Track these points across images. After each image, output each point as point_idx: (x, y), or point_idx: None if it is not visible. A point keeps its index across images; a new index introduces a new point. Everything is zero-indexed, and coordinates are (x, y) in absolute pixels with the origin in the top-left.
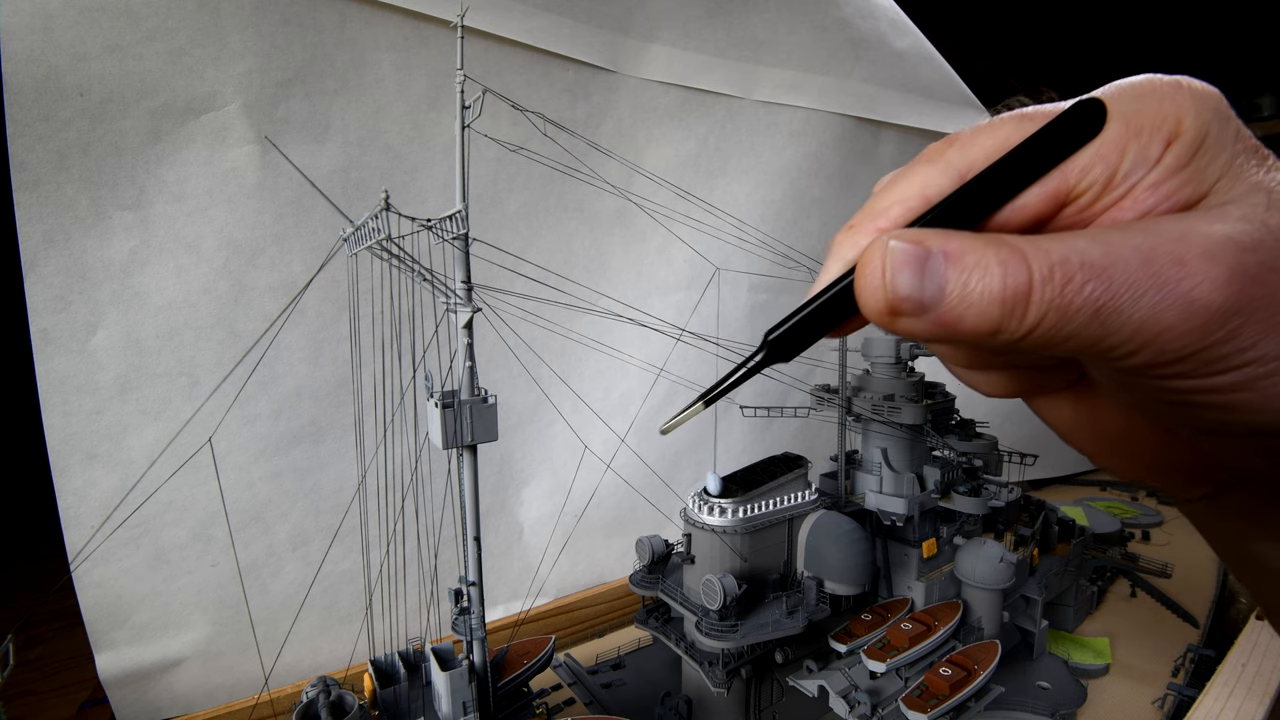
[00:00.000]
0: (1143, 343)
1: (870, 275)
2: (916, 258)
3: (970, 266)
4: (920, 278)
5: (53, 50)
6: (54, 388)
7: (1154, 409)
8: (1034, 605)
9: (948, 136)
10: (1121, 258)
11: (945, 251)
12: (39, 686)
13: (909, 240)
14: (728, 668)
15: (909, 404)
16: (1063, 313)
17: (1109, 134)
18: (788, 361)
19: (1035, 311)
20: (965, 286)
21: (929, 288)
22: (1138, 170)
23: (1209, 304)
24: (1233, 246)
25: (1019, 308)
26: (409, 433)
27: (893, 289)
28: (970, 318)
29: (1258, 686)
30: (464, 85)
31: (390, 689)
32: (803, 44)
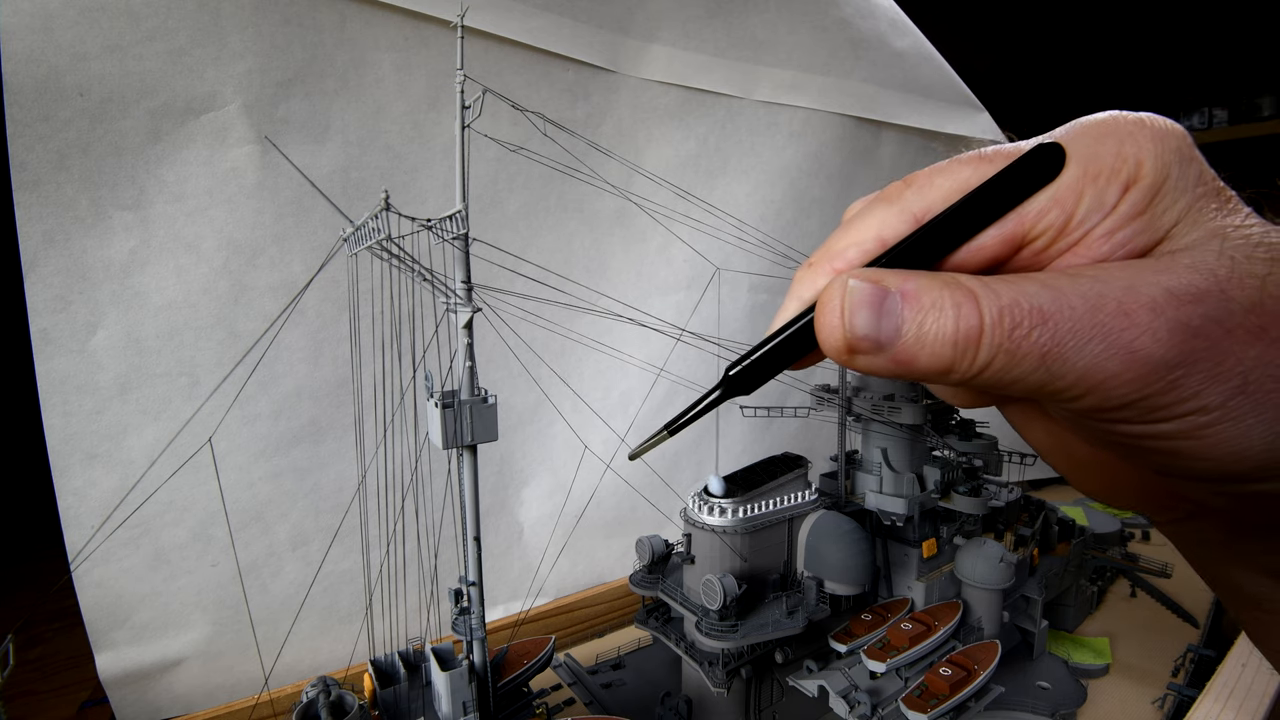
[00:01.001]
0: (1086, 389)
1: (829, 314)
2: (874, 297)
3: (926, 307)
4: (878, 317)
5: (53, 50)
6: (54, 388)
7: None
8: (1034, 605)
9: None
10: (1069, 305)
11: (902, 291)
12: (39, 686)
13: (868, 280)
14: (728, 668)
15: (909, 404)
16: (1010, 356)
17: (1066, 178)
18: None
19: (985, 354)
20: (920, 327)
21: (886, 327)
22: (1093, 216)
23: (1150, 356)
24: (1176, 299)
25: (970, 350)
26: (409, 433)
27: (851, 328)
28: (924, 358)
29: (1258, 686)
30: (464, 85)
31: (390, 689)
32: (803, 44)
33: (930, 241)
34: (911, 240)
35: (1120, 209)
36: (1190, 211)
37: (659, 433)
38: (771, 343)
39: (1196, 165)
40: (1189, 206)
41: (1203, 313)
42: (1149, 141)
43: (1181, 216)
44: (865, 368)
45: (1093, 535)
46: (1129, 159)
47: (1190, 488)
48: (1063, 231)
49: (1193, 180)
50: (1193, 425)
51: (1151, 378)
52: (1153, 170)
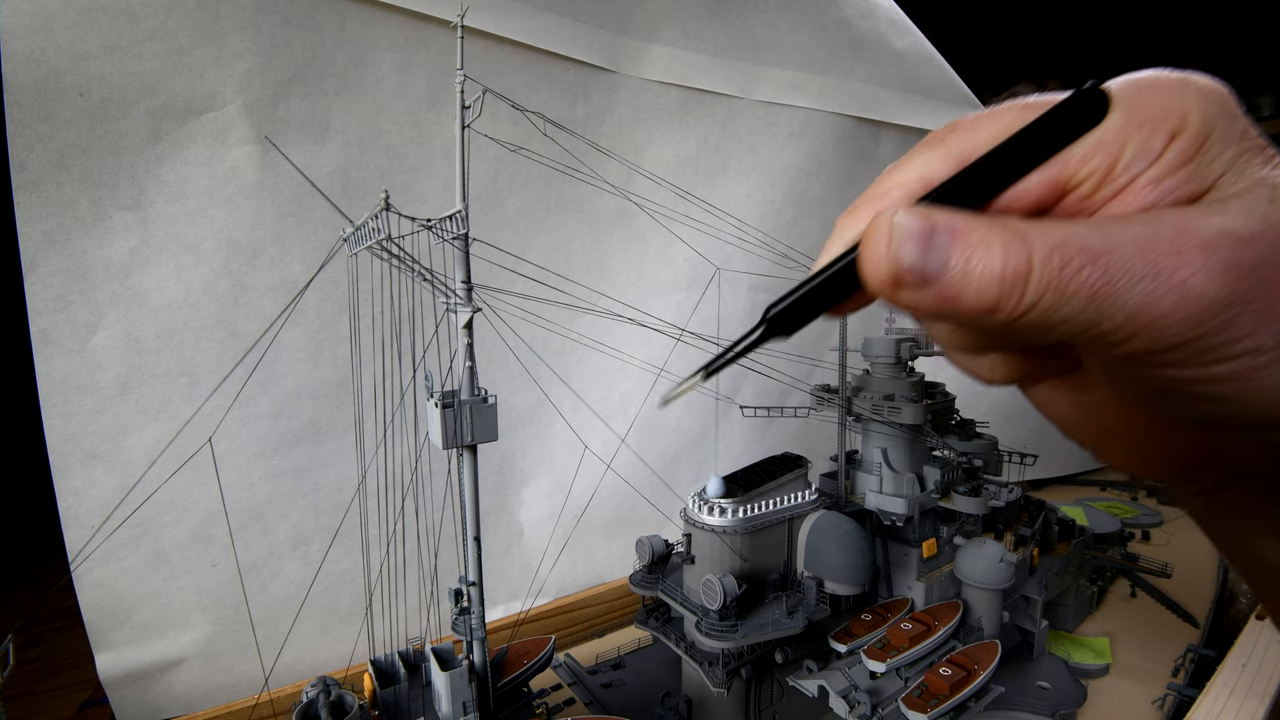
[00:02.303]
0: (1136, 329)
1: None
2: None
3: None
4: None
5: (53, 50)
6: (54, 388)
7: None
8: (1034, 605)
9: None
10: (1119, 245)
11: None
12: (39, 686)
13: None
14: (728, 668)
15: (909, 404)
16: (1059, 294)
17: (1111, 124)
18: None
19: (1033, 292)
20: (967, 263)
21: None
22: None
23: (1203, 294)
24: (1231, 239)
25: (1017, 287)
26: (409, 433)
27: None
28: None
29: (1258, 686)
30: (464, 85)
31: (390, 689)
32: (803, 44)
33: (975, 182)
34: (956, 179)
35: (1166, 156)
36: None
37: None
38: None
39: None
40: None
41: (1257, 254)
42: (1194, 94)
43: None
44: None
45: (1093, 535)
46: (1174, 110)
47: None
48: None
49: (1237, 134)
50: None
51: (1204, 317)
52: (1199, 120)
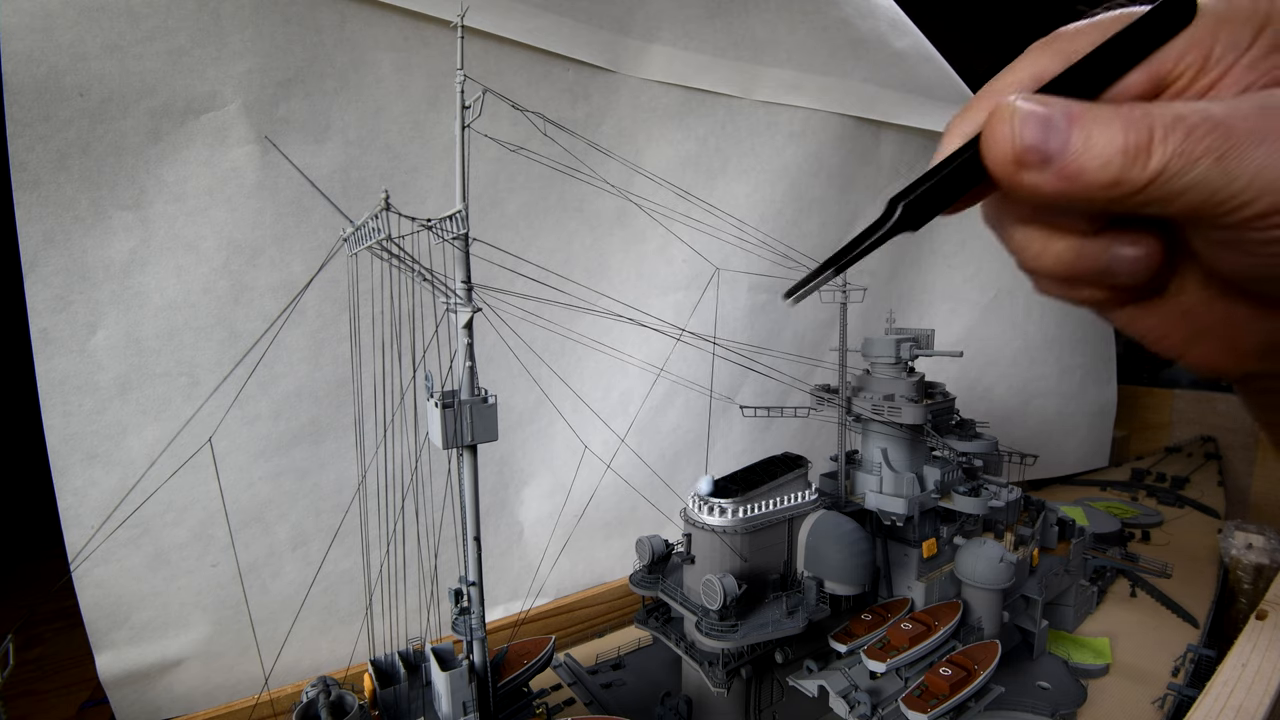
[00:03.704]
0: (1261, 189)
1: (999, 127)
2: (1043, 115)
3: (1091, 123)
4: (1045, 131)
5: (53, 50)
6: (54, 388)
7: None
8: (1034, 605)
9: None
10: (1242, 113)
11: (1068, 113)
12: (39, 686)
13: (1035, 101)
14: (728, 668)
15: (909, 404)
16: (1185, 159)
17: (1201, 22)
18: (915, 230)
19: (1158, 159)
20: (1089, 139)
21: (1054, 140)
22: (1230, 54)
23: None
24: None
25: (1141, 156)
26: (409, 433)
27: (1020, 139)
28: (1094, 167)
29: (1258, 686)
30: (464, 85)
31: (390, 689)
32: (803, 44)
33: (1085, 76)
34: (1067, 74)
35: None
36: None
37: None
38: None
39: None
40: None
41: None
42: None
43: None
44: (1031, 185)
45: (1093, 535)
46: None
47: None
48: (1202, 69)
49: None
50: None
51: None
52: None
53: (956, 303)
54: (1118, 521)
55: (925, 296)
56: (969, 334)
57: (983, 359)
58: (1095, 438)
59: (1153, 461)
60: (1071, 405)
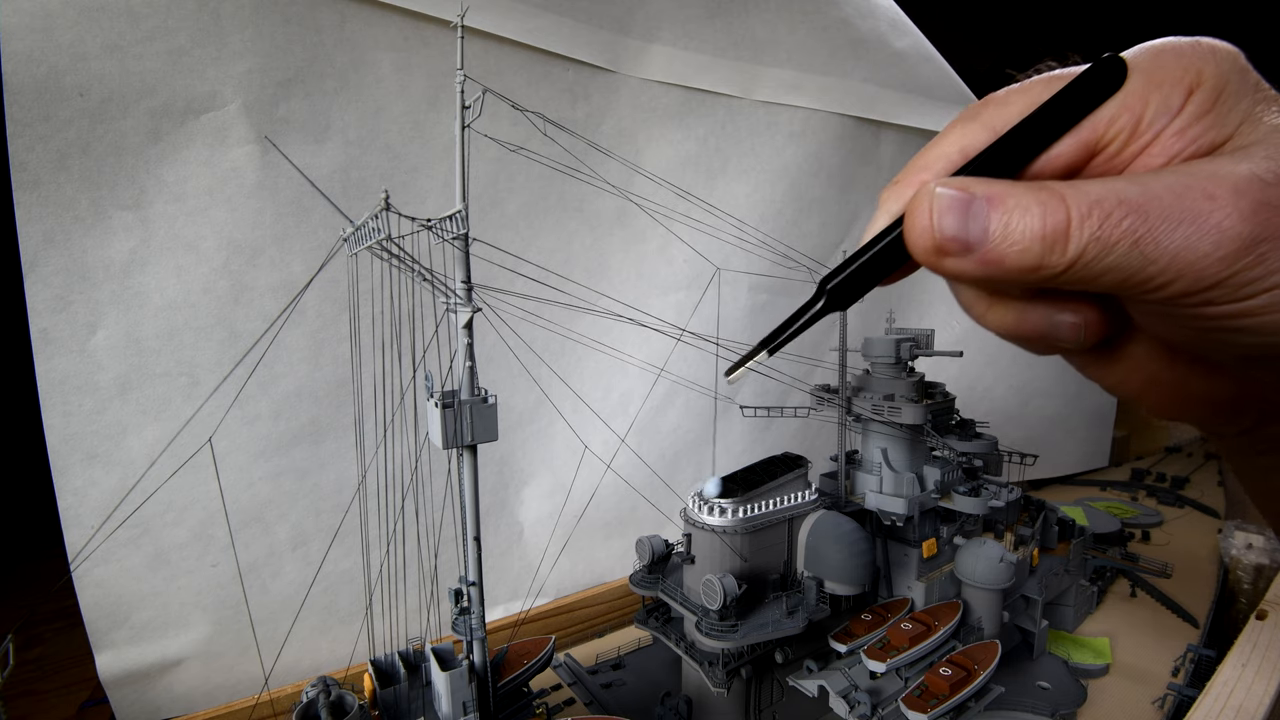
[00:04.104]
0: (1178, 272)
1: (918, 218)
2: (961, 202)
3: (1011, 208)
4: (964, 219)
5: (53, 50)
6: (54, 388)
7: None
8: (1034, 605)
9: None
10: (1156, 195)
11: (988, 196)
12: (39, 686)
13: (954, 186)
14: (728, 668)
15: (909, 404)
16: (1102, 245)
17: (1132, 86)
18: (844, 309)
19: (1075, 246)
20: (1007, 226)
21: (973, 229)
22: (1161, 118)
23: (1238, 233)
24: (1258, 181)
25: (1059, 243)
26: (409, 433)
27: (940, 230)
28: (1013, 255)
29: (1258, 687)
30: (464, 85)
31: (390, 689)
32: (803, 44)
33: (1010, 150)
34: (992, 149)
35: (1187, 110)
36: (1253, 113)
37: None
38: (865, 255)
39: (1252, 75)
40: (1251, 108)
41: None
42: (1207, 53)
43: (1245, 117)
44: (955, 270)
45: (1093, 535)
46: (1190, 68)
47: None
48: (1133, 134)
49: (1251, 86)
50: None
51: (1240, 254)
52: (1214, 75)
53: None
54: (1118, 521)
55: (925, 296)
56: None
57: (983, 359)
58: (1095, 438)
59: (1153, 461)
60: (1071, 405)
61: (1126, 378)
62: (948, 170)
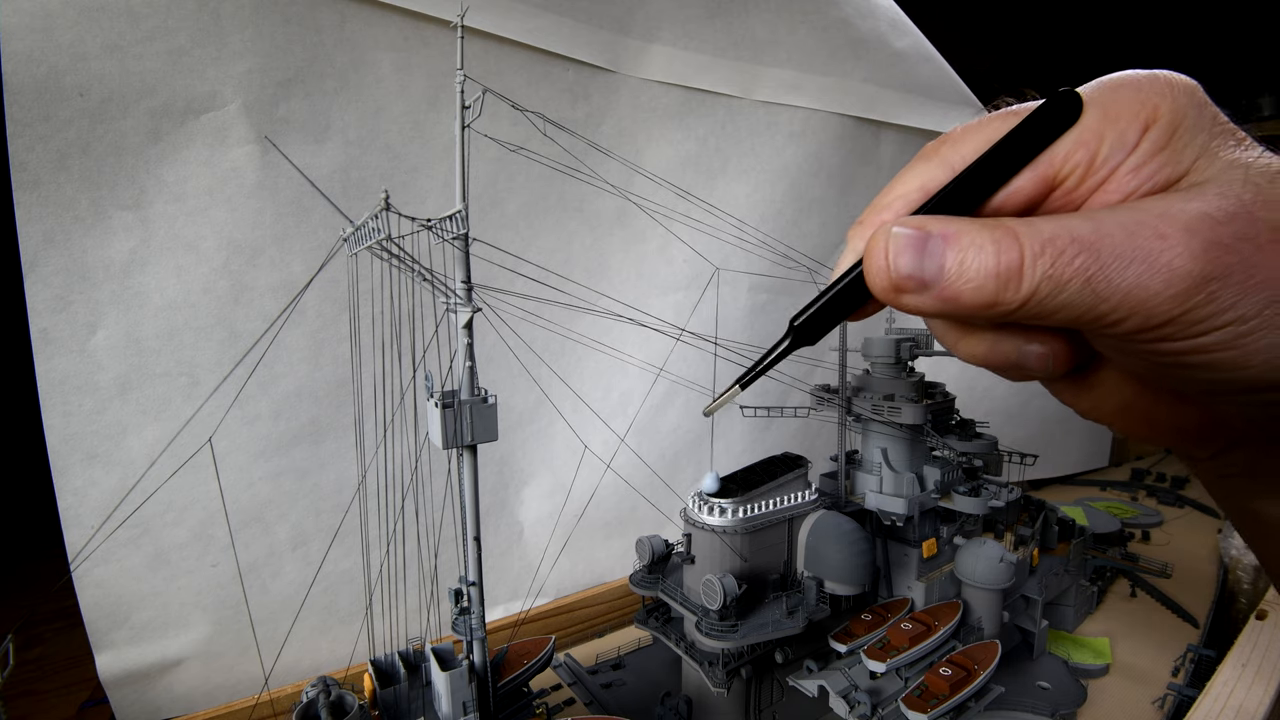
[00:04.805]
0: (1130, 310)
1: (875, 258)
2: (917, 241)
3: (965, 246)
4: (920, 258)
5: (53, 50)
6: (54, 388)
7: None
8: (1034, 605)
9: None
10: (1108, 233)
11: (943, 234)
12: (39, 686)
13: (910, 226)
14: (728, 668)
15: (909, 404)
16: (1054, 283)
17: (1087, 121)
18: (813, 344)
19: (1029, 283)
20: (962, 264)
21: (929, 267)
22: (1116, 154)
23: (1189, 272)
24: (1209, 220)
25: (1012, 281)
26: (409, 433)
27: (895, 269)
28: (968, 293)
29: (1258, 687)
30: (464, 85)
31: (390, 689)
32: (803, 44)
33: (968, 187)
34: (950, 187)
35: (1143, 146)
36: (1210, 147)
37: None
38: (829, 293)
39: (1210, 109)
40: (1207, 143)
41: (1233, 231)
42: (1164, 88)
43: (1202, 152)
44: (914, 307)
45: (1093, 535)
46: (1146, 103)
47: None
48: (1090, 170)
49: (1209, 120)
50: (1232, 335)
51: (1191, 292)
52: (1170, 110)
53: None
54: (1118, 521)
55: None
56: None
57: None
58: (1095, 438)
59: (1153, 461)
60: None
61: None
62: (908, 209)
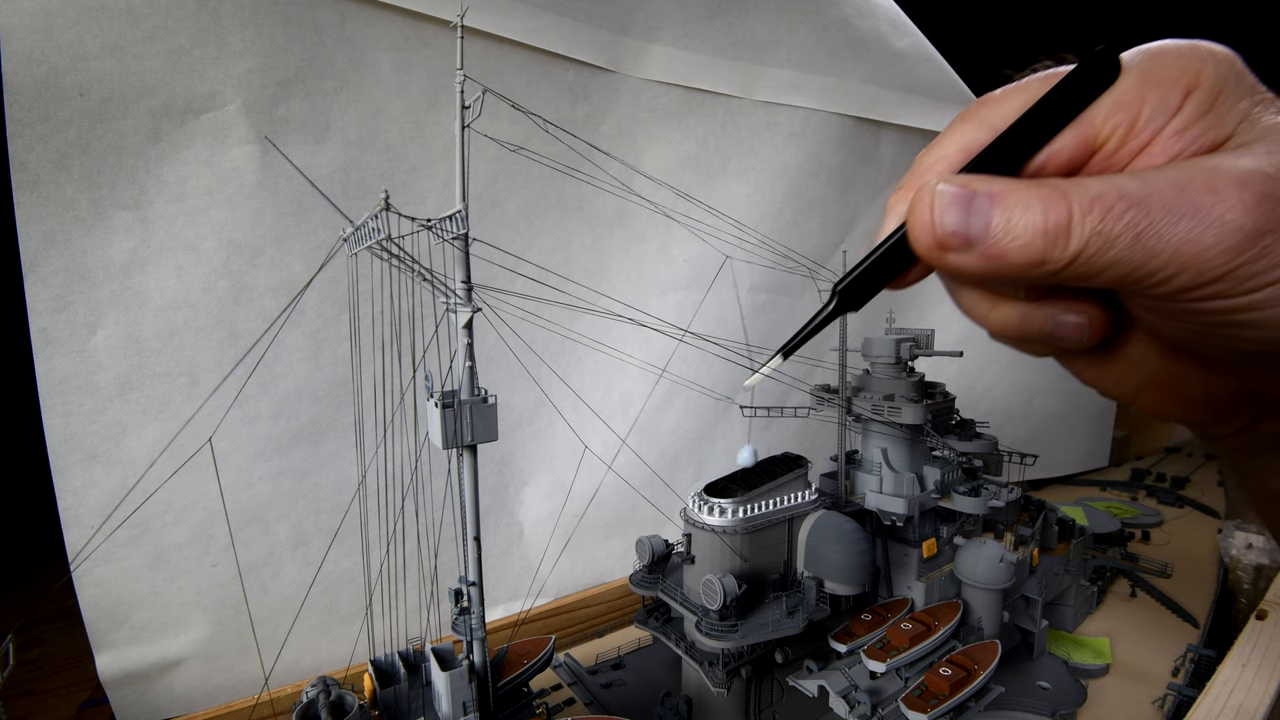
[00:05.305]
0: (1182, 265)
1: (920, 215)
2: (963, 198)
3: (1012, 204)
4: (966, 215)
5: (53, 50)
6: (54, 388)
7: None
8: (1034, 605)
9: (981, 98)
10: (1158, 189)
11: (989, 193)
12: (39, 686)
13: (955, 183)
14: (728, 668)
15: (909, 404)
16: (1104, 239)
17: (1127, 84)
18: (856, 310)
19: (1077, 240)
20: (1009, 222)
21: (975, 224)
22: (1158, 117)
23: (1241, 225)
24: (1261, 175)
25: (1061, 238)
26: (409, 433)
27: (941, 225)
28: (1015, 250)
29: (1258, 687)
30: (464, 85)
31: (390, 689)
32: (803, 44)
33: (1010, 147)
34: (992, 148)
35: (1186, 109)
36: (1251, 113)
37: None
38: (873, 256)
39: (1249, 77)
40: (1249, 109)
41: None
42: (1205, 54)
43: (1244, 117)
44: (957, 266)
45: (1093, 535)
46: (1188, 68)
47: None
48: (1130, 133)
49: (1248, 88)
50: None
51: (1244, 246)
52: (1213, 76)
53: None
54: (1118, 521)
55: (925, 297)
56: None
57: (983, 359)
58: (1095, 437)
59: (1153, 461)
60: (1071, 405)
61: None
62: (949, 171)
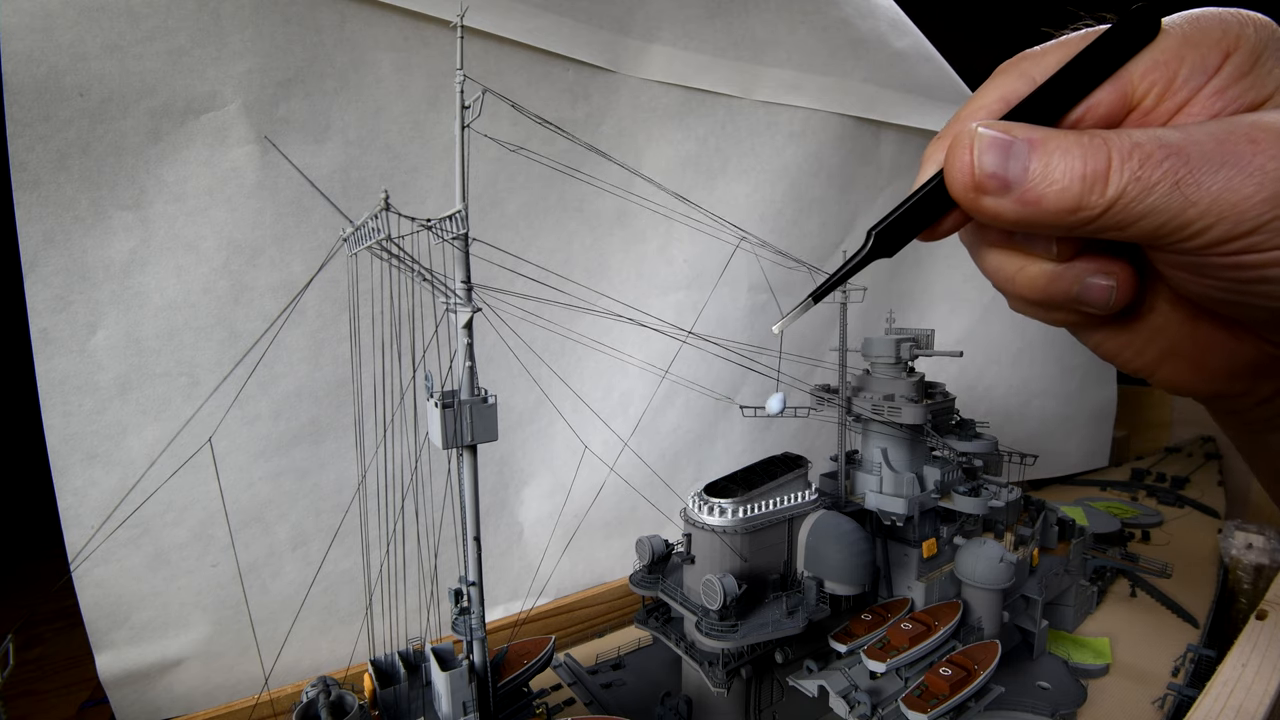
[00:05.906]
0: (1219, 214)
1: (960, 156)
2: (1002, 142)
3: (1051, 150)
4: (1005, 158)
5: (53, 50)
6: (54, 388)
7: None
8: (1034, 605)
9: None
10: (1197, 140)
11: (1029, 139)
12: (39, 686)
13: (996, 128)
14: (728, 668)
15: (909, 404)
16: (1142, 185)
17: (1166, 44)
18: (890, 256)
19: (1115, 186)
20: (1047, 166)
21: (1014, 168)
22: (1197, 76)
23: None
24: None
25: (1099, 184)
26: (409, 433)
27: (980, 167)
28: (1052, 195)
29: (1258, 686)
30: (464, 85)
31: (390, 689)
32: (803, 44)
33: (1049, 98)
34: (1032, 97)
35: (1225, 70)
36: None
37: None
38: (910, 201)
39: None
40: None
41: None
42: (1245, 20)
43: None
44: (992, 211)
45: (1093, 535)
46: (1229, 32)
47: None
48: (1167, 91)
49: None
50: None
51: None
52: (1252, 40)
53: (956, 303)
54: (1118, 521)
55: (925, 297)
56: (969, 334)
57: (983, 359)
58: (1095, 438)
59: (1153, 461)
60: (1071, 405)
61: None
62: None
